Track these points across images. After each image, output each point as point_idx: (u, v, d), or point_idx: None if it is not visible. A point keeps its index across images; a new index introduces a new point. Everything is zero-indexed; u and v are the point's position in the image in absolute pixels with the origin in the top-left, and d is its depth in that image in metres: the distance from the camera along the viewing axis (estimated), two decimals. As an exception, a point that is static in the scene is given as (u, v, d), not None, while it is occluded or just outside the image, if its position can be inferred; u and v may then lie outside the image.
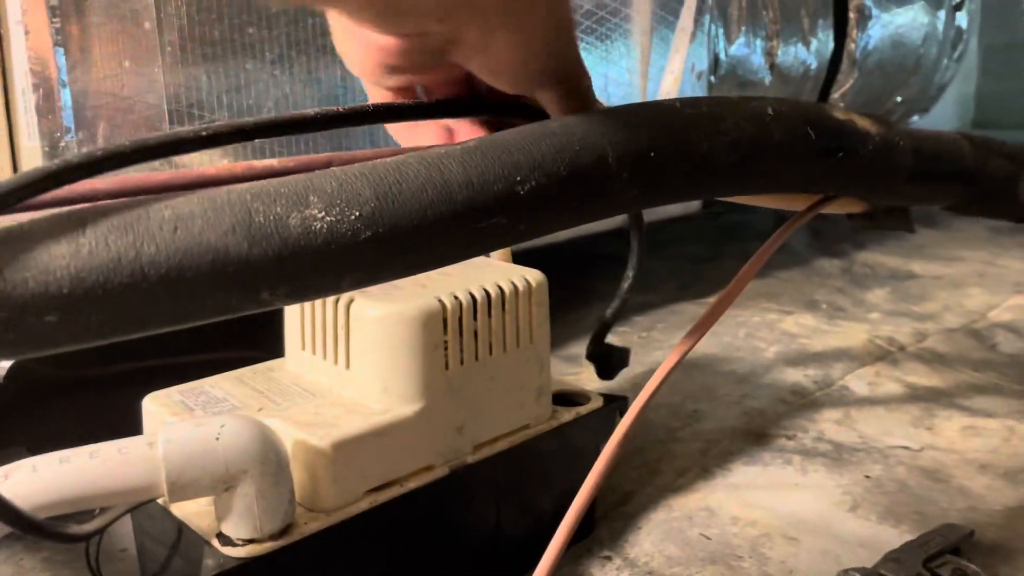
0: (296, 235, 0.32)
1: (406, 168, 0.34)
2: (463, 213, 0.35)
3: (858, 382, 0.94)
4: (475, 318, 0.55)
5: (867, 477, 0.72)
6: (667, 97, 1.11)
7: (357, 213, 0.33)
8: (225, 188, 0.33)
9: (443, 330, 0.53)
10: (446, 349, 0.54)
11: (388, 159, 0.35)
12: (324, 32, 0.70)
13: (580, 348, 1.10)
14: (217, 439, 0.43)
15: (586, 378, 0.98)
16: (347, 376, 0.54)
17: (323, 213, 0.32)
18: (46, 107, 0.56)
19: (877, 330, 1.11)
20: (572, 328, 1.13)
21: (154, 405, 0.54)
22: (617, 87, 1.08)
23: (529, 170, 0.36)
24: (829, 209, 0.51)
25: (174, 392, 0.55)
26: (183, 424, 0.44)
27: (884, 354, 1.02)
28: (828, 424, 0.83)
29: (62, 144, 0.57)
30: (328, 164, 0.40)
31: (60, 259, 0.28)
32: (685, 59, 1.11)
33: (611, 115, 0.38)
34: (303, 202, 0.32)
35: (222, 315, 0.32)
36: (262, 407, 0.53)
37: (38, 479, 0.40)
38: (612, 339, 1.13)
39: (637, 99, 1.09)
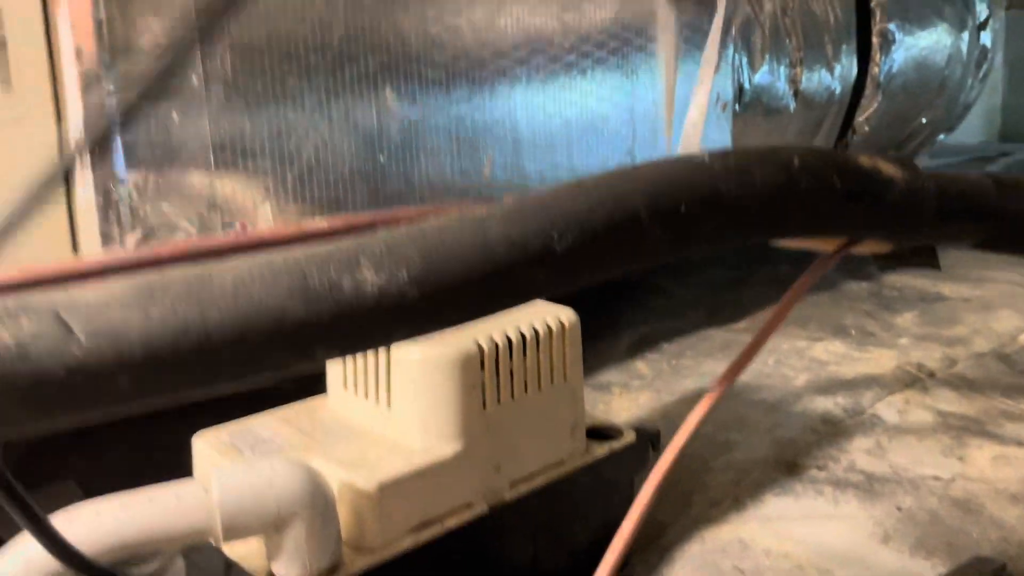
0: (349, 297, 0.34)
1: (449, 229, 0.36)
2: (504, 270, 0.36)
3: (888, 410, 0.94)
4: (511, 358, 0.57)
5: (899, 509, 0.72)
6: (693, 127, 1.12)
7: (405, 274, 0.35)
8: (281, 253, 0.35)
9: (480, 371, 0.55)
10: (483, 389, 0.55)
11: (432, 220, 0.37)
12: (360, 78, 0.73)
13: (610, 376, 1.12)
14: (269, 483, 0.45)
15: (616, 407, 0.99)
16: (388, 416, 0.56)
17: (373, 275, 0.34)
18: (100, 160, 0.59)
19: (906, 356, 1.11)
20: (601, 356, 1.15)
21: (204, 445, 0.56)
22: (644, 120, 1.09)
23: (565, 227, 0.38)
24: (857, 250, 0.52)
25: (223, 432, 0.57)
26: (236, 468, 0.46)
27: (913, 380, 1.03)
28: (859, 454, 0.83)
29: (114, 196, 0.59)
30: (373, 223, 0.42)
31: (133, 326, 0.30)
32: (710, 91, 1.13)
33: (644, 171, 0.40)
34: (354, 265, 0.34)
35: (280, 373, 0.34)
36: (307, 447, 0.55)
37: (100, 524, 0.42)
38: (641, 366, 1.15)
39: (663, 131, 1.11)
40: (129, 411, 0.32)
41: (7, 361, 0.28)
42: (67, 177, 0.60)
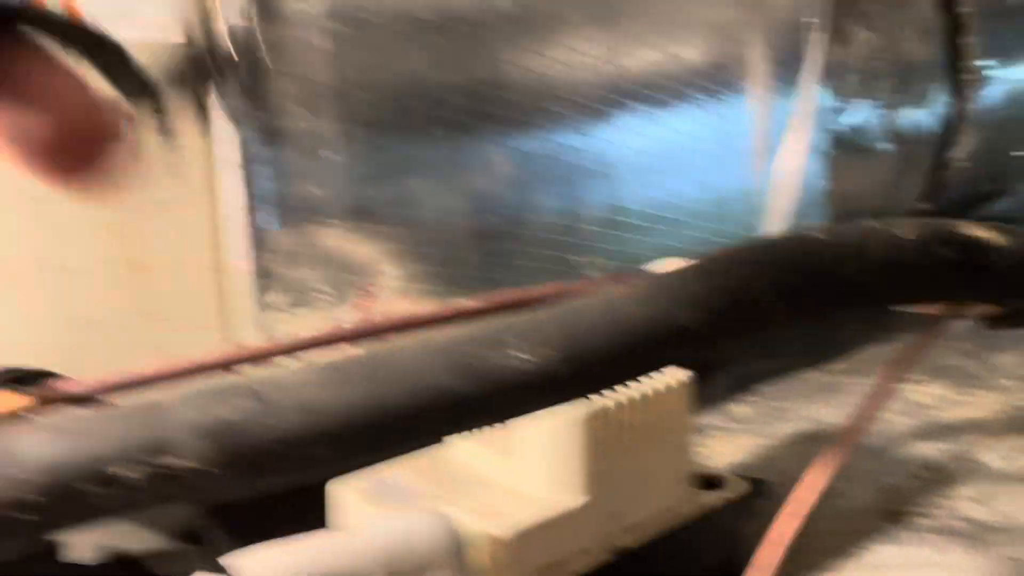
0: (500, 373, 0.38)
1: (589, 312, 0.40)
2: (639, 348, 0.40)
3: (992, 456, 0.94)
4: (631, 414, 0.60)
5: (1012, 560, 0.73)
6: (790, 175, 1.14)
7: (551, 353, 0.39)
8: (443, 335, 0.40)
9: (603, 426, 0.59)
10: (605, 443, 0.59)
11: (570, 302, 0.41)
12: (474, 146, 0.78)
13: (708, 418, 1.14)
14: (418, 531, 0.49)
15: (717, 451, 1.01)
16: (514, 466, 0.60)
17: (523, 354, 0.39)
18: (253, 232, 0.65)
19: (1010, 399, 1.10)
20: (698, 398, 1.16)
21: (342, 492, 0.61)
22: (734, 163, 1.12)
23: (694, 308, 0.41)
24: (966, 312, 0.54)
25: (358, 481, 0.62)
26: (386, 517, 0.50)
27: (1018, 426, 1.02)
28: (964, 501, 0.84)
29: (265, 263, 0.66)
30: (513, 302, 0.46)
31: (329, 404, 0.35)
32: (803, 136, 1.15)
33: (766, 252, 0.44)
34: (506, 345, 0.39)
35: (437, 441, 0.39)
36: (439, 496, 0.59)
37: (278, 562, 0.47)
38: (738, 409, 1.16)
39: (754, 180, 1.13)
40: (314, 478, 0.37)
41: (228, 435, 0.33)
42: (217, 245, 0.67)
